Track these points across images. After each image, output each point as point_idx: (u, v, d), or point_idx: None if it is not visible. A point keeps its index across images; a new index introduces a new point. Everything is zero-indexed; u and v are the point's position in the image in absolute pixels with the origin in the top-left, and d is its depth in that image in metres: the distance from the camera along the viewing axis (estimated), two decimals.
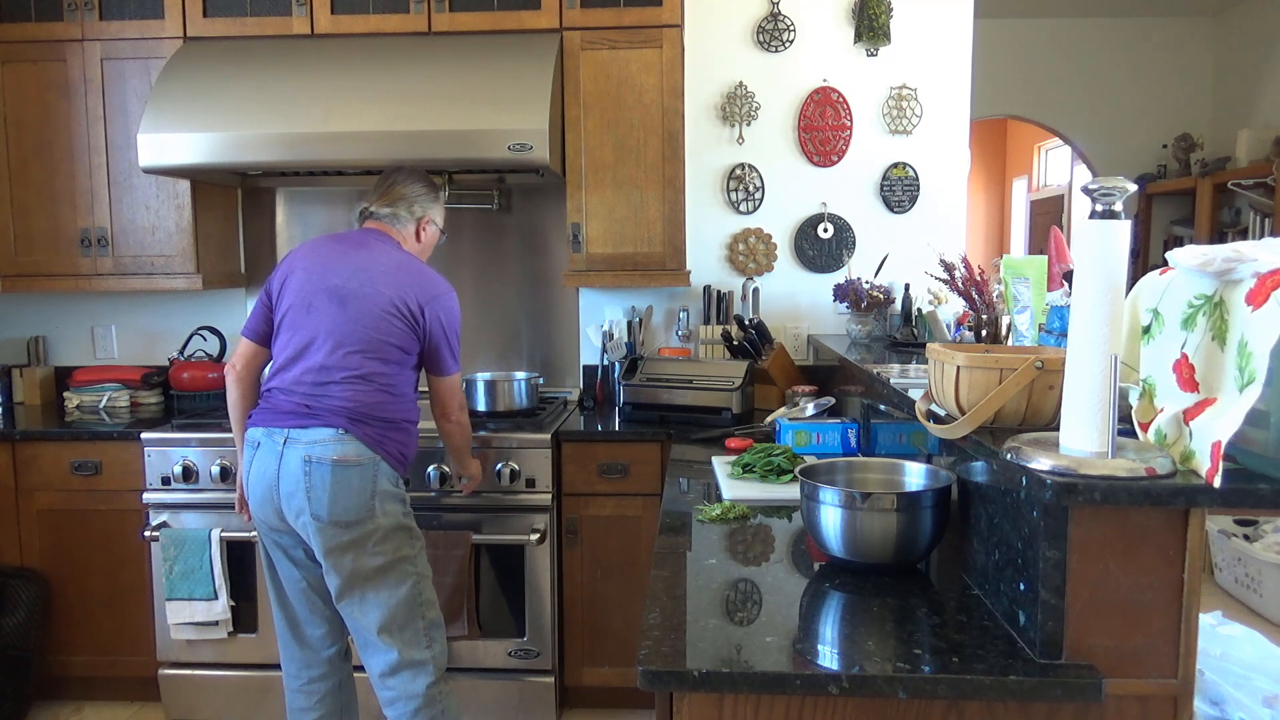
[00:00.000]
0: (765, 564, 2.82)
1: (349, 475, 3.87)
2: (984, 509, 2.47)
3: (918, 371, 3.68)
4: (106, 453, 5.14)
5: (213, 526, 4.92)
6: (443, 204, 4.50)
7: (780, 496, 3.55)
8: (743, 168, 5.87)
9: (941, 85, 5.80)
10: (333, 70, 5.03)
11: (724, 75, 5.86)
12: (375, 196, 4.30)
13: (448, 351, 4.14)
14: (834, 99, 5.81)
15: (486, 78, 4.92)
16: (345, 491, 3.86)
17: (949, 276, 4.36)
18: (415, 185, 4.34)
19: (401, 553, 3.99)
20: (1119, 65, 9.70)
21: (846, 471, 3.01)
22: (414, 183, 4.34)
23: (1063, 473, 1.98)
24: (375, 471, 3.92)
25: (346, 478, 3.86)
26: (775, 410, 4.91)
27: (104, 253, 5.51)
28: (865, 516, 2.62)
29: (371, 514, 3.90)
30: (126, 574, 5.21)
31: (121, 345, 6.23)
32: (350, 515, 3.87)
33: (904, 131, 5.80)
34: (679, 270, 5.32)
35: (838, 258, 5.89)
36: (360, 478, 3.88)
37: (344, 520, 3.87)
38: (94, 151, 5.48)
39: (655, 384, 5.26)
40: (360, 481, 3.88)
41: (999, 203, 14.86)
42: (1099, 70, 9.73)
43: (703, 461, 4.26)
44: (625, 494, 4.97)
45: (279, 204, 6.07)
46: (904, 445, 3.51)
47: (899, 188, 5.82)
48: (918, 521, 2.61)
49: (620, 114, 5.26)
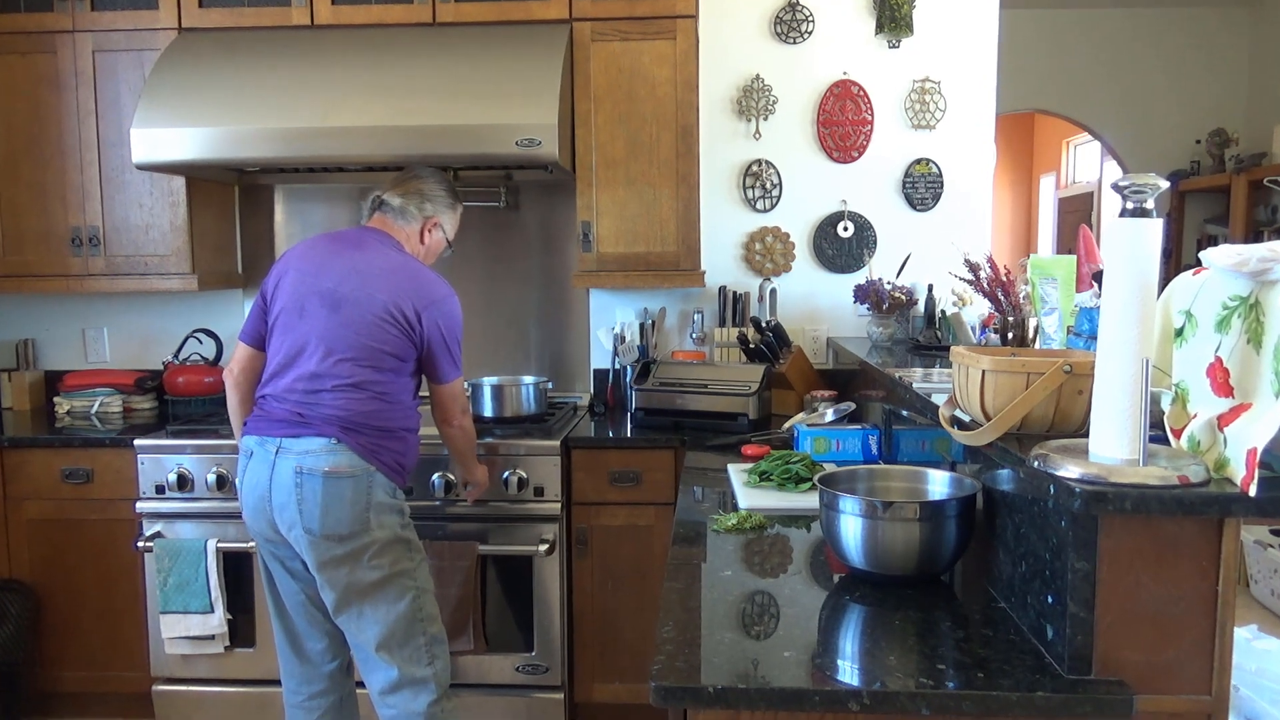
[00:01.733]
0: (783, 575, 2.83)
1: (341, 487, 3.86)
2: (1010, 519, 2.47)
3: (941, 376, 3.68)
4: (98, 460, 5.14)
5: (209, 537, 4.91)
6: (459, 214, 4.49)
7: (798, 506, 3.55)
8: (760, 164, 5.87)
9: (966, 78, 5.79)
10: (333, 63, 5.04)
11: (740, 68, 5.86)
12: (391, 186, 4.30)
13: (447, 359, 4.13)
14: (854, 92, 5.81)
15: (493, 70, 4.93)
16: (338, 504, 3.86)
17: (974, 277, 4.36)
18: (435, 186, 4.34)
19: (399, 566, 3.98)
20: (1150, 57, 9.68)
21: (867, 480, 3.02)
22: (435, 183, 4.34)
23: (1092, 481, 1.99)
24: (370, 483, 3.91)
25: (339, 489, 3.86)
26: (793, 416, 4.90)
27: (96, 252, 5.52)
28: (887, 526, 2.62)
29: (366, 527, 3.89)
30: (119, 586, 5.22)
31: (114, 348, 6.24)
32: (343, 528, 3.87)
33: (927, 126, 5.80)
34: (693, 270, 5.32)
35: (858, 257, 5.89)
36: (354, 489, 3.88)
37: (337, 533, 3.87)
38: (85, 147, 5.49)
39: (669, 388, 5.26)
40: (354, 493, 3.88)
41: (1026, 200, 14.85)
42: (1129, 62, 9.72)
43: (718, 469, 4.26)
44: (637, 503, 4.97)
45: (277, 202, 6.09)
46: (927, 452, 3.51)
47: (922, 184, 5.82)
48: (941, 531, 2.61)
49: (632, 108, 5.26)
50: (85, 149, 5.50)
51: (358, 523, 3.87)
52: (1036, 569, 2.27)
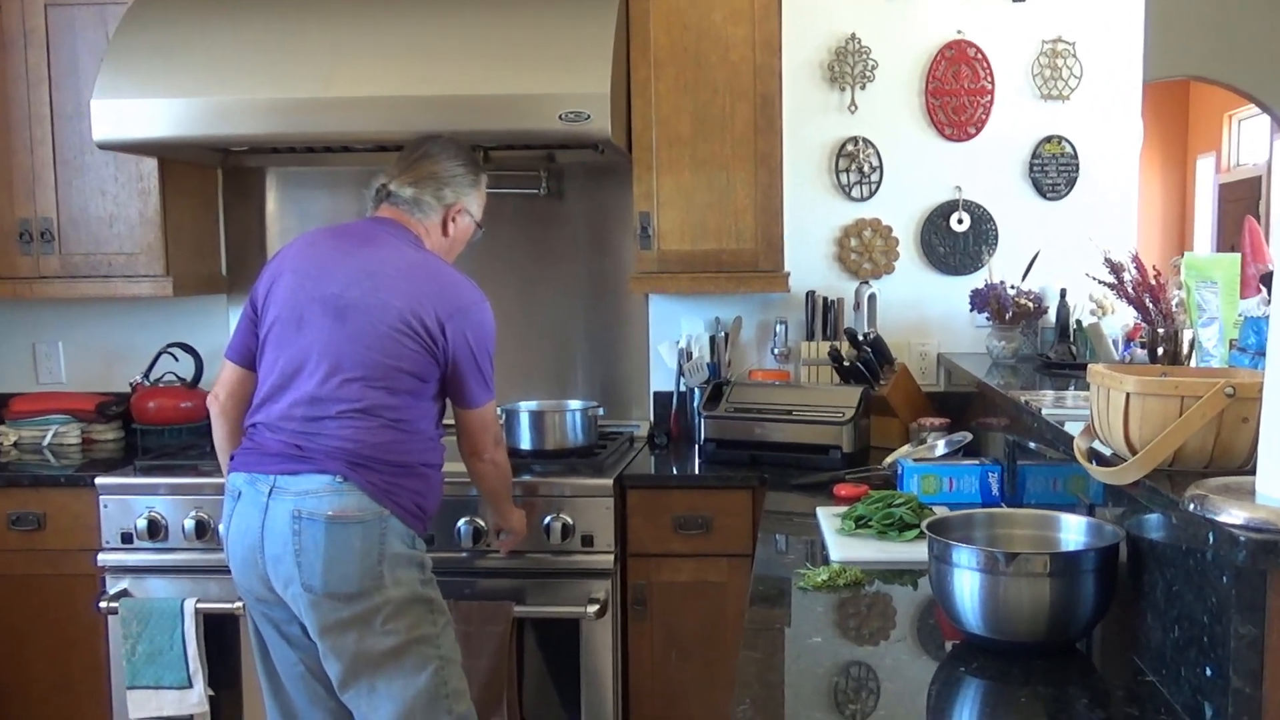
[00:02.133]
0: (884, 643, 2.86)
1: (349, 535, 3.84)
2: (1160, 573, 2.48)
3: (1076, 400, 3.69)
4: (52, 502, 5.15)
5: (186, 596, 4.90)
6: (483, 189, 4.49)
7: (902, 557, 3.55)
8: (855, 142, 5.89)
9: (1106, 39, 5.79)
10: (338, 20, 5.06)
11: (831, 26, 5.87)
12: (397, 172, 4.28)
13: (477, 379, 4.11)
14: (971, 56, 5.82)
15: (532, 29, 4.96)
16: (344, 555, 3.83)
17: (1116, 280, 4.38)
18: (450, 162, 4.32)
19: (420, 631, 3.96)
20: None
21: (987, 526, 3.03)
22: (448, 158, 4.32)
23: (1260, 527, 2.00)
24: (383, 529, 3.89)
25: (345, 538, 3.84)
26: (897, 449, 4.90)
27: (49, 250, 5.55)
28: (1011, 583, 2.63)
29: (379, 584, 3.87)
30: (77, 655, 5.20)
31: (71, 367, 6.28)
32: (351, 586, 3.84)
33: (1059, 97, 5.81)
34: (775, 272, 5.35)
35: (975, 256, 5.90)
36: (363, 538, 3.86)
37: (343, 592, 3.84)
38: (36, 122, 5.53)
39: (745, 416, 5.27)
40: (363, 543, 3.85)
41: (1179, 187, 14.81)
42: None
43: (805, 513, 4.28)
44: (707, 554, 4.98)
45: (269, 188, 6.12)
46: (1059, 493, 3.52)
47: (1053, 167, 5.83)
48: (1076, 589, 2.62)
49: (701, 75, 5.29)
50: (35, 124, 5.52)
51: (368, 578, 3.85)
52: (1192, 635, 2.29)
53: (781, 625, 2.98)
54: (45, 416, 5.89)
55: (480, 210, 4.47)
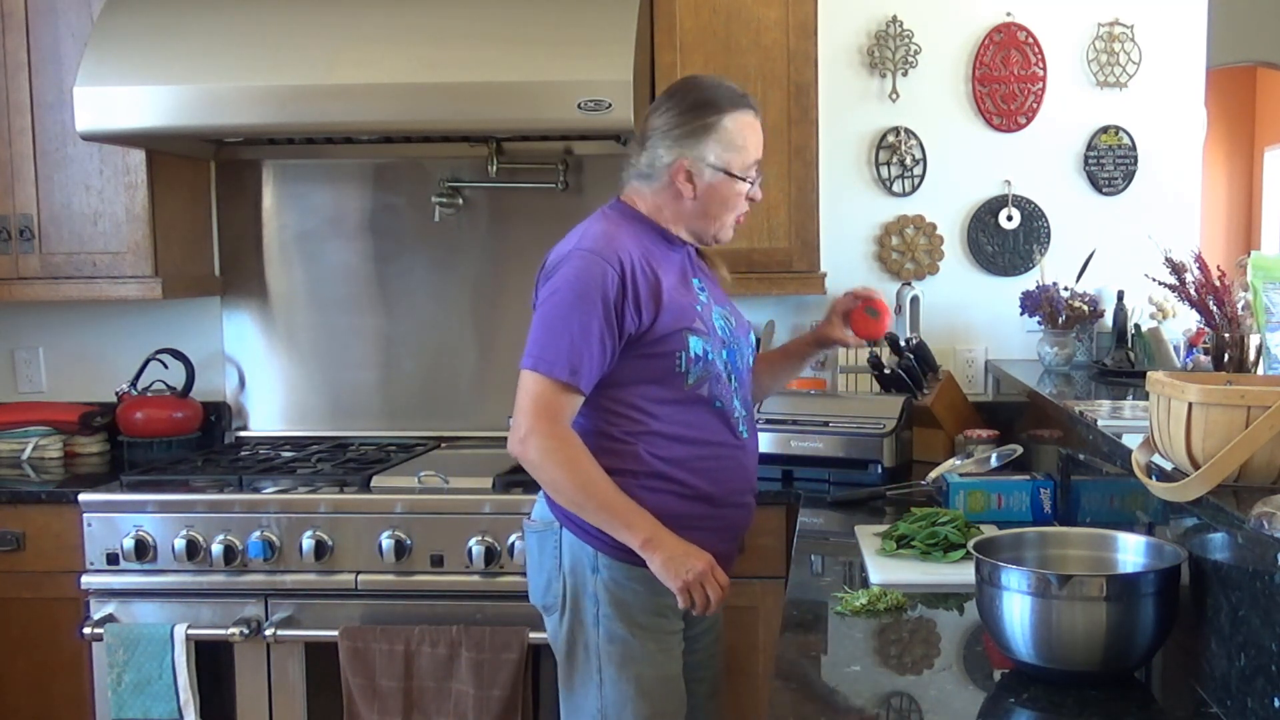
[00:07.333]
0: (928, 672, 2.87)
1: (529, 542, 3.94)
2: (1225, 597, 2.49)
3: (1135, 410, 3.70)
4: (32, 521, 5.12)
5: (176, 621, 4.88)
6: (725, 122, 3.86)
7: (948, 580, 3.55)
8: (897, 133, 5.90)
9: (1167, 21, 5.79)
10: (341, 1, 5.07)
11: (871, 8, 5.88)
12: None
13: (535, 330, 3.73)
14: (1021, 40, 5.82)
15: (549, 11, 4.97)
16: (531, 564, 3.94)
17: (1178, 281, 4.38)
18: (657, 115, 3.91)
19: None
20: None
21: (1038, 546, 3.03)
22: (657, 113, 3.92)
23: None
24: (558, 540, 3.83)
25: (529, 545, 3.95)
26: (941, 463, 4.90)
27: (28, 248, 5.53)
28: (1064, 607, 2.63)
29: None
30: (59, 685, 5.17)
31: (52, 375, 6.28)
32: (539, 597, 3.95)
33: (1116, 84, 5.81)
34: (810, 273, 5.36)
35: (1026, 255, 5.91)
36: (540, 547, 3.89)
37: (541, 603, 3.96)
38: (15, 111, 5.50)
39: (778, 427, 5.25)
40: (540, 554, 3.90)
41: (1246, 181, 14.77)
42: None
43: (843, 533, 4.28)
44: (736, 576, 4.90)
45: (266, 182, 6.10)
46: (1116, 511, 3.53)
47: (1109, 160, 5.83)
48: (1135, 614, 2.62)
49: (731, 60, 5.28)
50: (15, 113, 5.50)
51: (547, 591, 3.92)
52: (1260, 663, 2.29)
53: (817, 653, 2.99)
54: (25, 428, 5.88)
55: (725, 150, 3.86)
